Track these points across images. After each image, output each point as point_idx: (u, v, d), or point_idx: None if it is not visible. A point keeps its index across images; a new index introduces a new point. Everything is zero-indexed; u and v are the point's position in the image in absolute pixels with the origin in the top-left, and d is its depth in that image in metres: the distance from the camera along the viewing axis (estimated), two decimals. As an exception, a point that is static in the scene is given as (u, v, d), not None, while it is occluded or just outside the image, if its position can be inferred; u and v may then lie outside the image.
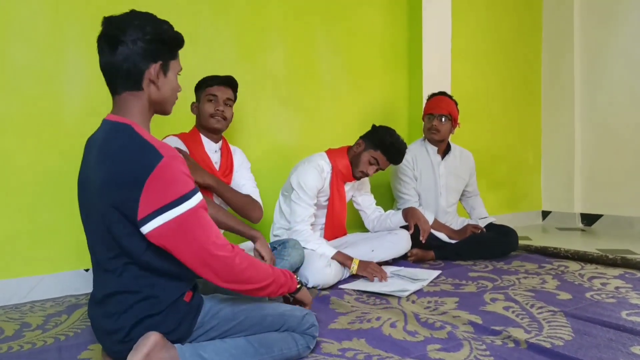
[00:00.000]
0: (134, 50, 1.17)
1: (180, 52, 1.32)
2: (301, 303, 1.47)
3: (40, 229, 2.18)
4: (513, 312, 1.78)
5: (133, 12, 1.22)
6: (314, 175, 2.34)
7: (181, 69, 1.32)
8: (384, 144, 2.38)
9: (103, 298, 1.20)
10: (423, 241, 2.46)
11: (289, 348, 1.33)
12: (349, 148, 2.49)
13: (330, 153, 2.47)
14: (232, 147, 2.28)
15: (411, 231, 2.50)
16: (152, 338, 1.14)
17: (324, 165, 2.41)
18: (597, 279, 2.23)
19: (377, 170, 2.44)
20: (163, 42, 1.22)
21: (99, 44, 1.21)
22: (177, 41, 1.27)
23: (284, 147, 2.89)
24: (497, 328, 1.59)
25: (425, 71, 3.36)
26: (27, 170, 2.15)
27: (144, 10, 1.25)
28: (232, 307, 1.32)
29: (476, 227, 2.78)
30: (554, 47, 4.28)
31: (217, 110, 2.07)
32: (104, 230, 1.14)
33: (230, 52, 2.69)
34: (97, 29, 1.23)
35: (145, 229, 1.08)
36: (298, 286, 1.41)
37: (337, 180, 2.44)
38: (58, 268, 2.21)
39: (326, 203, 2.49)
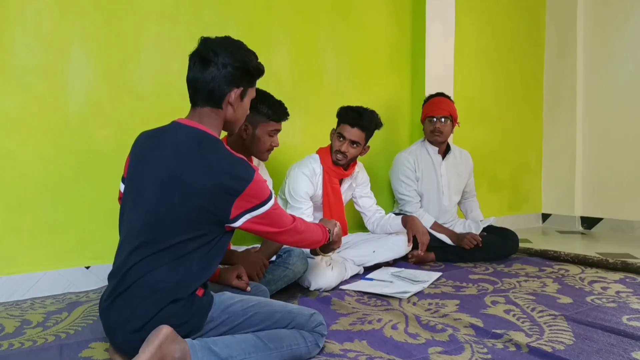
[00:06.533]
0: (222, 74, 1.33)
1: (183, 53, 1.35)
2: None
3: (42, 225, 2.18)
4: (514, 315, 1.78)
5: (228, 39, 1.38)
6: (304, 181, 2.38)
7: (255, 97, 1.48)
8: (340, 113, 2.45)
9: (133, 283, 1.23)
10: (422, 253, 2.48)
11: (297, 344, 1.35)
12: None
13: (321, 152, 2.50)
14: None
15: (409, 244, 2.51)
16: (164, 331, 1.16)
17: (315, 167, 2.44)
18: (597, 283, 2.23)
19: (349, 145, 2.38)
20: (248, 71, 1.38)
21: (192, 60, 1.36)
22: (259, 72, 1.43)
23: (288, 148, 2.88)
24: (498, 331, 1.59)
25: (428, 72, 3.36)
26: (30, 167, 2.14)
27: (149, 11, 1.26)
28: (241, 303, 1.36)
29: (473, 239, 2.69)
30: (557, 49, 4.28)
31: (275, 145, 2.07)
32: (177, 218, 1.24)
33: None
34: (103, 25, 1.25)
35: (236, 224, 1.29)
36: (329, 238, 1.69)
37: (330, 177, 2.46)
38: (59, 265, 2.21)
39: (322, 204, 2.50)
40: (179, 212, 1.24)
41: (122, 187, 1.44)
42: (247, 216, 1.29)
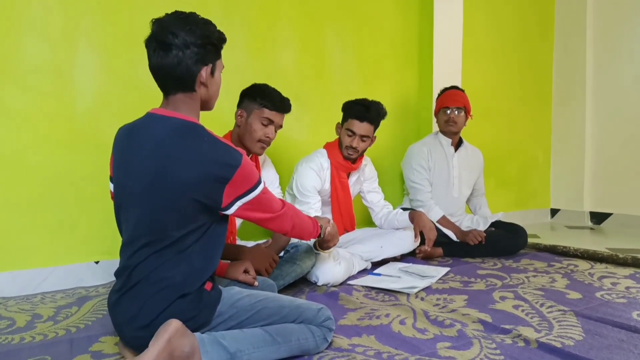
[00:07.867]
0: (187, 55, 1.25)
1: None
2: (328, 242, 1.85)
3: (52, 221, 2.19)
4: (523, 310, 1.77)
5: (181, 15, 1.29)
6: (312, 176, 2.38)
7: (224, 67, 1.40)
8: (346, 108, 2.45)
9: (140, 281, 1.24)
10: (429, 249, 2.49)
11: (305, 339, 1.36)
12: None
13: (328, 147, 2.50)
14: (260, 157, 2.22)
15: (416, 239, 2.50)
16: (173, 325, 1.16)
17: (322, 161, 2.44)
18: (607, 279, 2.21)
19: (359, 140, 2.38)
20: (212, 45, 1.31)
21: (150, 46, 1.29)
22: (222, 41, 1.36)
23: (295, 144, 2.89)
24: (507, 327, 1.59)
25: (435, 68, 3.35)
26: (39, 164, 2.16)
27: (156, 7, 1.25)
28: (250, 297, 1.36)
29: (478, 235, 2.69)
30: (566, 44, 4.24)
31: (267, 137, 2.02)
32: (172, 214, 1.22)
33: (240, 50, 2.69)
34: (110, 24, 1.24)
35: (229, 211, 1.27)
36: (320, 233, 1.71)
37: (338, 172, 2.46)
38: (68, 260, 2.23)
39: (330, 199, 2.50)
40: (174, 209, 1.22)
41: (111, 186, 1.41)
42: (239, 203, 1.27)
